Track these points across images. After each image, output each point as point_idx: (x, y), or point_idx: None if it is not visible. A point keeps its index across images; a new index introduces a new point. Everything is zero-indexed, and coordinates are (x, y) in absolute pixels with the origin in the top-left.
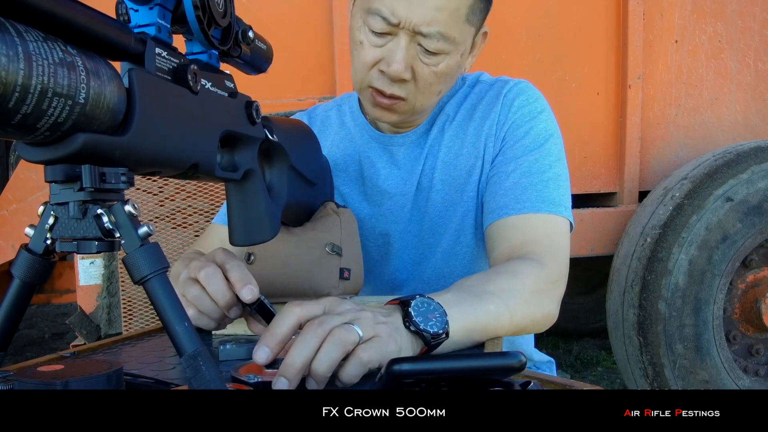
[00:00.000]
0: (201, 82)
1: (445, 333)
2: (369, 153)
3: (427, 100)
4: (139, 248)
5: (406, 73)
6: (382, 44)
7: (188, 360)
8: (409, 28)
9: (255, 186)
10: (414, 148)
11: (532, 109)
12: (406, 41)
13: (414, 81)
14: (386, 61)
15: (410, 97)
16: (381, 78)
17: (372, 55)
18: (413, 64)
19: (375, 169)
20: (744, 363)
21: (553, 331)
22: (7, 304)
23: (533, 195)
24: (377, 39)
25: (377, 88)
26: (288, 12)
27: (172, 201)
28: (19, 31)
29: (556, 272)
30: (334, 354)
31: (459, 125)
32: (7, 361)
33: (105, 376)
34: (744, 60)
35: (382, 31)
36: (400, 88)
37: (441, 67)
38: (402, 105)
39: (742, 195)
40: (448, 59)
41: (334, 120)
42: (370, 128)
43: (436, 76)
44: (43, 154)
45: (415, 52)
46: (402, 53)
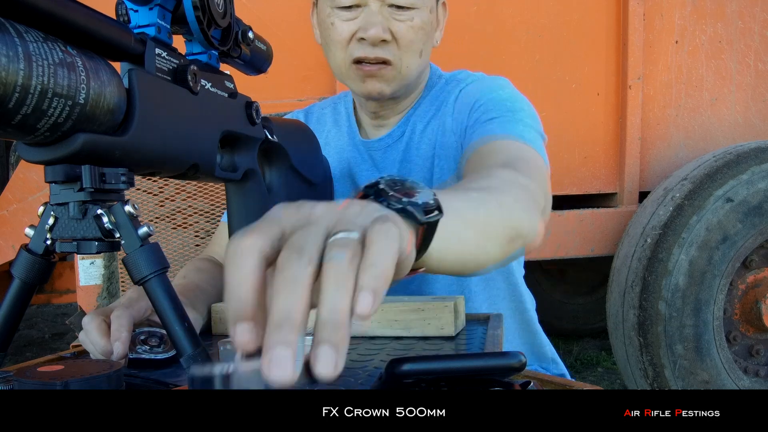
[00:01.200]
0: (201, 83)
1: (437, 208)
2: (356, 156)
3: (411, 59)
4: (139, 248)
5: (385, 33)
6: (353, 17)
7: (188, 360)
8: None
9: (255, 186)
10: (390, 151)
11: (491, 85)
12: (377, 6)
13: (395, 41)
14: (363, 29)
15: (395, 58)
16: (361, 46)
17: (347, 28)
18: (389, 25)
19: (359, 170)
20: (744, 363)
21: (553, 332)
22: (7, 304)
23: (510, 128)
24: (348, 13)
25: (361, 57)
26: (288, 12)
27: (172, 201)
28: (19, 32)
29: (542, 190)
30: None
31: (427, 120)
32: (7, 361)
33: (105, 376)
34: (744, 60)
35: (351, 4)
36: (384, 50)
37: (416, 21)
38: (390, 70)
39: (743, 195)
40: (420, 14)
41: (328, 118)
42: (356, 132)
43: (413, 30)
44: (43, 154)
45: (387, 14)
46: (376, 17)
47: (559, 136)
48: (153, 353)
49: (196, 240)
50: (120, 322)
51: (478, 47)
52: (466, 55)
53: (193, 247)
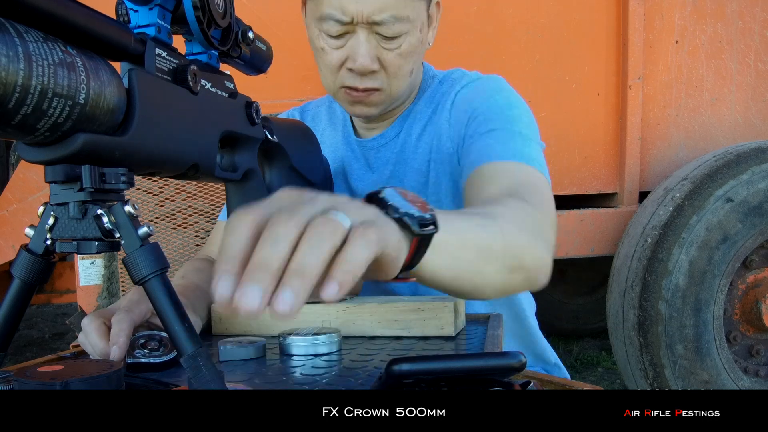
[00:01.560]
0: (201, 83)
1: (434, 223)
2: (350, 155)
3: (401, 82)
4: (139, 248)
5: (373, 64)
6: (342, 44)
7: (188, 360)
8: (363, 21)
9: (255, 186)
10: (384, 151)
11: (486, 87)
12: (365, 34)
13: (383, 69)
14: (351, 59)
15: (384, 85)
16: (351, 75)
17: (336, 57)
18: (377, 53)
19: (352, 169)
20: (744, 363)
21: (553, 332)
22: (7, 304)
23: (511, 147)
24: (336, 41)
25: (350, 86)
26: (288, 12)
27: (172, 201)
28: (19, 32)
29: (548, 217)
30: (323, 246)
31: (423, 123)
32: (7, 361)
33: (105, 376)
34: (744, 60)
35: (339, 33)
36: (373, 80)
37: (404, 47)
38: (378, 95)
39: (743, 195)
40: (409, 38)
41: (323, 116)
42: (351, 132)
43: (402, 57)
44: (43, 154)
45: (375, 41)
46: (364, 47)
47: (559, 136)
48: (151, 357)
49: (196, 240)
50: (120, 326)
51: (478, 47)
52: (465, 55)
53: (193, 247)
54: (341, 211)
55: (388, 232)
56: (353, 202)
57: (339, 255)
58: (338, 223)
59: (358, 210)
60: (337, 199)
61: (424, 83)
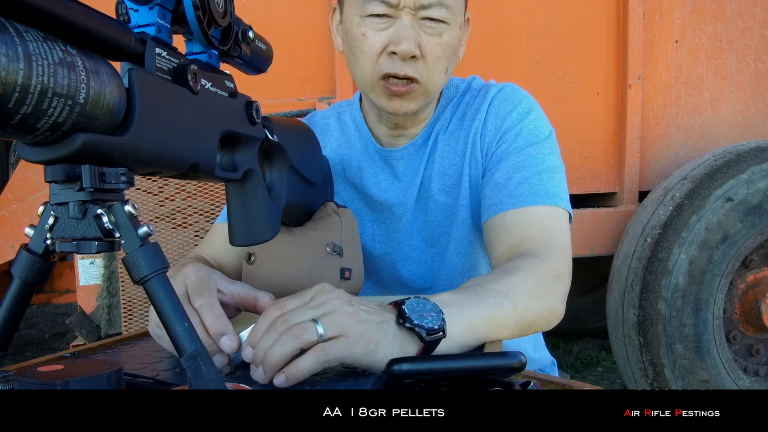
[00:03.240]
0: (201, 82)
1: (442, 330)
2: (371, 164)
3: (438, 78)
4: (139, 248)
5: (416, 49)
6: (386, 27)
7: (188, 360)
8: (410, 6)
9: (255, 186)
10: (413, 159)
11: (520, 111)
12: (410, 19)
13: (423, 58)
14: (395, 42)
15: (423, 77)
16: (392, 61)
17: (379, 40)
18: (419, 40)
19: (376, 180)
20: (744, 363)
21: (553, 331)
22: (7, 304)
23: (527, 189)
24: (380, 23)
25: (391, 73)
26: (288, 12)
27: (172, 201)
28: (19, 31)
29: (558, 267)
30: (286, 348)
31: (452, 134)
32: (7, 361)
33: (105, 376)
34: (744, 60)
35: (384, 13)
36: (413, 67)
37: (445, 38)
38: (417, 88)
39: (743, 195)
40: (450, 30)
41: (334, 127)
42: (372, 142)
43: (441, 48)
44: (43, 154)
45: (419, 28)
46: (408, 30)
47: (559, 135)
48: None
49: (196, 240)
50: (217, 310)
51: (478, 47)
52: (466, 55)
53: (192, 246)
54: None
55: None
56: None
57: (295, 359)
58: (311, 331)
59: (354, 320)
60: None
61: (447, 90)
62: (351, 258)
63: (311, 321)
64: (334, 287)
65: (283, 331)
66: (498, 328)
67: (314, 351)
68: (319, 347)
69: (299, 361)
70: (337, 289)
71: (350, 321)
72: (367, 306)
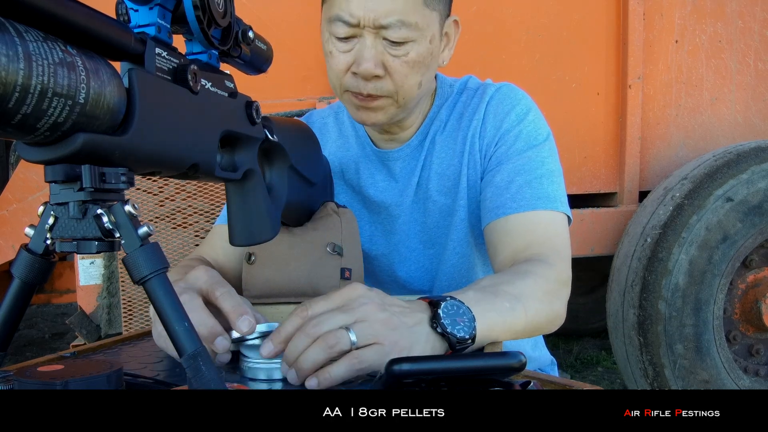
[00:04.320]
0: (201, 82)
1: (471, 339)
2: (368, 165)
3: (408, 93)
4: (139, 248)
5: (377, 69)
6: (349, 48)
7: (188, 360)
8: (370, 25)
9: (255, 186)
10: (410, 160)
11: (518, 112)
12: (371, 39)
13: (389, 76)
14: (356, 63)
15: (392, 93)
16: (355, 80)
17: (343, 60)
18: (383, 59)
19: (373, 181)
20: (744, 363)
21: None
22: (7, 304)
23: (528, 193)
24: (344, 44)
25: (354, 91)
26: (288, 12)
27: (172, 201)
28: (19, 31)
29: (564, 273)
30: (318, 357)
31: (449, 134)
32: (7, 361)
33: (105, 376)
34: (744, 60)
35: (346, 35)
36: (376, 86)
37: (411, 56)
38: (385, 102)
39: (743, 195)
40: (416, 47)
41: (331, 127)
42: (369, 143)
43: (408, 66)
44: (43, 154)
45: (382, 47)
46: (369, 51)
47: (559, 135)
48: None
49: (196, 240)
50: (236, 297)
51: (478, 47)
52: (466, 55)
53: (192, 246)
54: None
55: (390, 355)
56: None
57: (328, 364)
58: (344, 340)
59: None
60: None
61: (441, 90)
62: (351, 258)
63: (344, 329)
64: (365, 288)
65: (315, 336)
66: (509, 332)
67: (348, 359)
68: (353, 355)
69: (333, 368)
70: (368, 291)
71: (384, 329)
72: (400, 307)
